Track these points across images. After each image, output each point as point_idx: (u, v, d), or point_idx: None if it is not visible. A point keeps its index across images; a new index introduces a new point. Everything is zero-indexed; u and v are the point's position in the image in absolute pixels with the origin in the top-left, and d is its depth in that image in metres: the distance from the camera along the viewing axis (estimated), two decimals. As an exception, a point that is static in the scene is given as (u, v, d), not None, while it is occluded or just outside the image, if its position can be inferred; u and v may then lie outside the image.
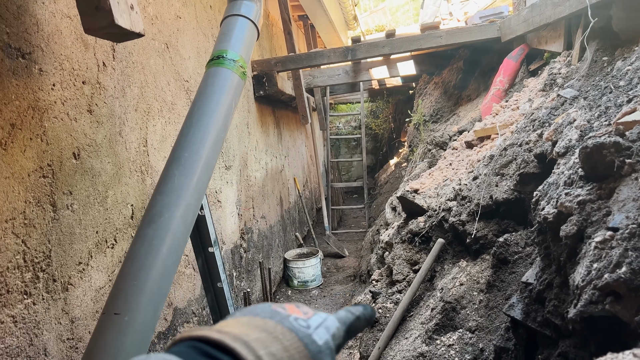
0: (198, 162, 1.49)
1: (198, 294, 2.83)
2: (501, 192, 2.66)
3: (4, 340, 1.33)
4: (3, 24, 1.39)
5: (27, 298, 1.43)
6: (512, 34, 4.08)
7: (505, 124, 3.15)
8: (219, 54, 1.72)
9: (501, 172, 2.74)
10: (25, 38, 1.48)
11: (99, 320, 1.21)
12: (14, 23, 1.44)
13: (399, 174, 7.52)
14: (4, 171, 1.35)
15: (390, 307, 3.28)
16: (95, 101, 1.84)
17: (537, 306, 1.64)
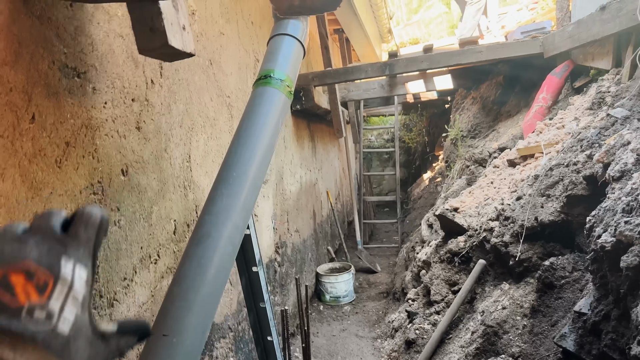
0: (245, 182, 1.49)
1: (234, 309, 2.83)
2: (547, 213, 2.58)
3: (53, 356, 1.34)
4: (61, 45, 1.42)
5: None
6: (555, 50, 3.98)
7: (550, 142, 3.06)
8: (266, 74, 1.72)
9: (547, 193, 2.66)
10: (81, 58, 1.52)
11: (147, 341, 1.21)
12: (71, 43, 1.47)
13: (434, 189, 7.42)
14: (58, 189, 1.37)
15: (428, 329, 3.20)
16: (143, 118, 1.87)
17: (592, 338, 1.57)
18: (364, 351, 4.20)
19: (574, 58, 3.92)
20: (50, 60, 1.37)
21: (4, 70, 1.19)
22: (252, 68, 3.45)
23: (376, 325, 4.75)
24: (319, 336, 4.62)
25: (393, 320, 4.27)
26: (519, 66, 4.93)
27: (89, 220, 0.45)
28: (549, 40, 4.08)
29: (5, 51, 1.20)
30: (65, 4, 1.45)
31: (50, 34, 1.38)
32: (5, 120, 1.19)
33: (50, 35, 1.38)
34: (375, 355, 4.07)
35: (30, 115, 1.28)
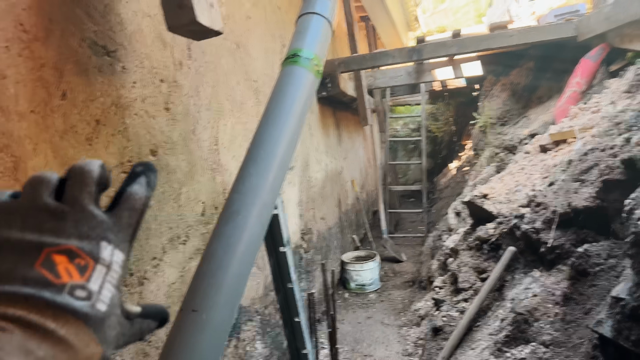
0: (274, 161, 1.47)
1: (261, 293, 2.84)
2: (581, 199, 2.50)
3: (86, 331, 1.36)
4: (91, 22, 1.42)
5: (106, 291, 1.46)
6: (590, 33, 3.85)
7: (584, 127, 2.96)
8: (294, 53, 1.70)
9: (581, 178, 2.57)
10: (110, 36, 1.52)
11: (177, 317, 1.21)
12: (101, 21, 1.47)
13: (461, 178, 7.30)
14: (89, 166, 1.38)
15: (455, 316, 3.16)
16: (172, 99, 1.87)
17: (631, 324, 1.51)
18: (390, 338, 4.18)
19: (610, 41, 3.77)
20: (80, 37, 1.37)
21: (35, 46, 1.20)
22: (279, 53, 3.43)
23: (402, 314, 4.72)
24: (345, 323, 4.62)
25: (419, 308, 4.23)
26: (551, 50, 4.79)
27: (135, 205, 0.45)
28: (584, 22, 3.95)
29: (36, 27, 1.20)
30: (95, -18, 1.45)
31: (80, 12, 1.38)
32: (37, 96, 1.20)
33: (80, 13, 1.38)
34: (401, 342, 4.05)
35: (61, 92, 1.29)
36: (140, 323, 0.48)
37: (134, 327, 0.47)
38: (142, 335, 0.49)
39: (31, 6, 1.19)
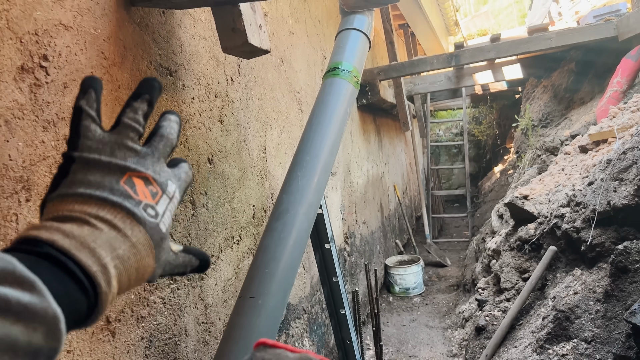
0: (318, 164, 1.63)
1: (308, 292, 3.00)
2: (620, 197, 2.53)
3: (156, 318, 1.55)
4: (156, 47, 1.63)
5: (172, 283, 1.65)
6: (631, 32, 3.83)
7: (624, 126, 2.97)
8: (335, 66, 1.86)
9: (620, 177, 2.60)
10: (172, 58, 1.72)
11: (236, 303, 1.38)
12: (164, 46, 1.68)
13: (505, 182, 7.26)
14: (157, 173, 1.58)
15: (498, 315, 3.21)
16: (225, 112, 2.06)
17: (664, 314, 1.57)
18: (434, 340, 4.24)
19: (652, 39, 3.75)
20: (148, 60, 1.58)
21: (113, 70, 1.40)
22: (320, 65, 3.61)
23: (446, 316, 4.77)
24: (389, 326, 4.71)
25: (463, 310, 4.28)
26: (592, 51, 4.75)
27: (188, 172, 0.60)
28: (624, 22, 3.92)
29: (114, 54, 1.41)
30: (159, 12, 1.65)
31: (148, 38, 1.58)
32: (115, 113, 1.40)
33: (148, 40, 1.58)
34: (446, 344, 4.10)
35: (134, 109, 1.49)
36: (184, 257, 0.56)
37: (177, 259, 0.55)
38: (186, 269, 0.57)
39: (110, 36, 1.40)
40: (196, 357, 1.77)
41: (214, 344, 1.90)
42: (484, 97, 9.96)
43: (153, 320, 1.54)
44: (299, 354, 0.47)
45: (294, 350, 0.47)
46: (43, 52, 1.15)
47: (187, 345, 1.73)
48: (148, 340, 1.51)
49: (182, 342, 1.70)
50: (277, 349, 0.48)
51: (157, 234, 0.49)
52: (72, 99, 1.24)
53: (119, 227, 0.46)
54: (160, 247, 0.50)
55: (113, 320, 1.35)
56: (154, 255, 0.49)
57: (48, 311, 0.36)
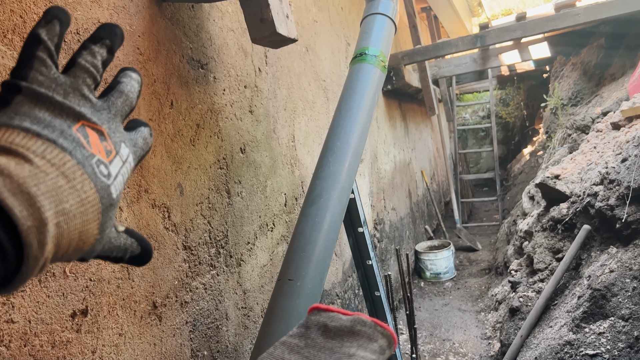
0: (348, 149, 1.66)
1: (340, 278, 3.04)
2: (657, 173, 2.48)
3: (199, 303, 1.61)
4: (187, 41, 1.67)
5: (212, 270, 1.71)
6: (663, 3, 3.71)
7: (659, 100, 2.90)
8: (361, 51, 1.87)
9: (656, 152, 2.55)
10: (203, 51, 1.77)
11: (276, 286, 1.42)
12: (195, 39, 1.72)
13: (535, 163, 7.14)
14: (194, 163, 1.63)
15: (532, 296, 3.20)
16: (254, 102, 2.10)
17: None
18: (468, 323, 4.24)
19: (686, 9, 3.62)
20: (180, 54, 1.62)
21: (149, 65, 1.45)
22: (344, 52, 3.61)
23: (479, 300, 4.76)
24: (422, 310, 4.72)
25: (496, 293, 4.26)
26: (622, 25, 4.62)
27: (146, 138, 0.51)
28: (657, -8, 3.80)
29: (149, 49, 1.46)
30: (188, 6, 1.70)
31: (179, 33, 1.63)
32: (152, 107, 1.45)
33: (179, 34, 1.63)
34: (479, 327, 4.10)
35: (169, 102, 1.54)
36: (125, 239, 0.48)
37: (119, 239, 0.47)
38: (125, 253, 0.49)
39: (144, 32, 1.45)
40: (237, 340, 1.83)
41: (253, 328, 1.96)
42: (510, 78, 9.77)
43: (196, 305, 1.60)
44: (351, 316, 0.50)
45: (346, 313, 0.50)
46: (85, 50, 1.20)
47: (228, 329, 1.79)
48: (192, 324, 1.57)
49: (224, 326, 1.76)
50: (330, 312, 0.51)
51: (106, 198, 0.41)
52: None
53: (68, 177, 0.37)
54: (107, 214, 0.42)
55: (159, 305, 1.41)
56: (99, 221, 0.41)
57: None
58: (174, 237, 1.49)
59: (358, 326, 0.49)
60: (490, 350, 3.65)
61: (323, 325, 0.50)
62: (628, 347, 2.21)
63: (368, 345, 0.48)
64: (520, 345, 2.92)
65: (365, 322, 0.50)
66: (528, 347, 2.87)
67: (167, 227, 1.47)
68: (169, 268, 1.47)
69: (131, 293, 1.30)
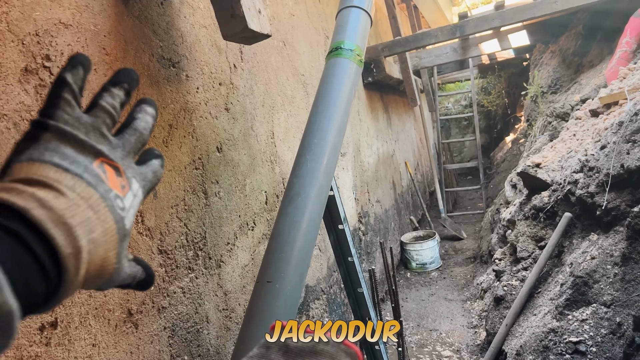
0: (326, 146, 1.63)
1: (325, 273, 3.02)
2: (633, 159, 2.49)
3: (177, 307, 1.58)
4: (157, 39, 1.63)
5: (190, 273, 1.67)
6: (639, -11, 3.73)
7: (635, 87, 2.92)
8: (337, 46, 1.84)
9: (632, 139, 2.56)
10: (174, 49, 1.72)
11: (254, 288, 1.40)
12: (165, 37, 1.67)
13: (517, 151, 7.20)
14: (167, 165, 1.59)
15: (516, 285, 3.22)
16: (230, 100, 2.06)
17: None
18: (454, 313, 4.27)
19: (661, -6, 3.65)
20: (150, 53, 1.58)
21: (116, 66, 1.41)
22: (323, 45, 3.58)
23: (465, 289, 4.79)
24: (408, 301, 4.74)
25: (481, 282, 4.29)
26: (599, 12, 4.64)
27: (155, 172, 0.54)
28: (632, -21, 3.82)
29: (116, 49, 1.41)
30: (157, 3, 1.65)
31: (148, 31, 1.58)
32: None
33: (148, 32, 1.58)
34: (466, 316, 4.13)
35: (140, 103, 1.49)
36: (133, 267, 0.51)
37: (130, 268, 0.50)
38: (133, 280, 0.51)
39: (110, 32, 1.40)
40: (219, 343, 1.81)
41: (236, 330, 1.94)
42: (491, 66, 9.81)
43: (174, 310, 1.56)
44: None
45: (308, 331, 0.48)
46: (45, 52, 1.16)
47: (210, 332, 1.76)
48: (171, 329, 1.54)
49: (204, 330, 1.73)
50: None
51: (122, 229, 0.45)
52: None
53: (95, 209, 0.42)
54: (122, 244, 0.46)
55: (135, 313, 1.38)
56: (117, 250, 0.45)
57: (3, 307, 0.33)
58: (148, 242, 1.46)
59: (321, 345, 0.47)
60: (476, 339, 3.67)
61: (284, 345, 0.48)
62: (610, 333, 2.23)
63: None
64: (506, 333, 2.94)
65: (329, 340, 0.48)
66: (513, 336, 2.89)
67: (141, 231, 1.43)
68: (144, 273, 1.43)
69: (104, 302, 1.26)
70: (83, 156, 0.44)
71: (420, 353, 3.68)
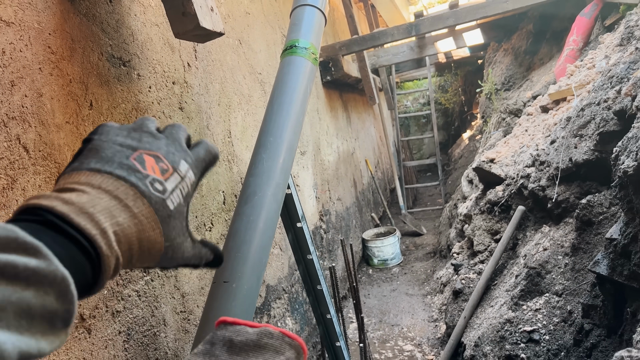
0: (282, 145, 1.63)
1: (286, 272, 3.02)
2: (581, 153, 2.60)
3: (132, 311, 1.54)
4: (106, 37, 1.59)
5: (146, 276, 1.64)
6: (584, -11, 3.89)
7: (581, 84, 3.05)
8: (292, 44, 1.84)
9: (580, 133, 2.67)
10: (124, 48, 1.68)
11: (211, 288, 1.38)
12: (114, 35, 1.63)
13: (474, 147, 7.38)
14: (119, 166, 1.55)
15: (473, 277, 3.30)
16: (184, 99, 2.03)
17: (623, 260, 1.64)
18: (415, 307, 4.34)
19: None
20: (99, 52, 1.54)
21: (63, 65, 1.36)
22: (280, 44, 3.57)
23: (425, 283, 4.88)
24: (370, 297, 4.79)
25: (441, 276, 4.38)
26: (548, 12, 4.83)
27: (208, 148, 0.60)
28: (577, -20, 3.98)
29: (62, 48, 1.37)
30: (105, 1, 1.61)
31: (97, 29, 1.54)
32: (69, 108, 1.37)
33: (97, 30, 1.54)
34: (426, 310, 4.21)
35: (88, 103, 1.45)
36: (200, 249, 0.58)
37: (195, 249, 0.56)
38: (200, 261, 0.59)
39: (56, 30, 1.35)
40: (177, 345, 1.78)
41: (194, 332, 1.91)
42: (448, 64, 10.03)
43: (129, 314, 1.53)
44: (258, 328, 0.48)
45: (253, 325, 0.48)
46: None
47: (167, 335, 1.73)
48: (126, 333, 1.50)
49: (162, 333, 1.70)
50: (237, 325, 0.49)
51: (163, 209, 0.49)
52: (21, 97, 1.20)
53: (120, 198, 0.47)
54: (168, 224, 0.50)
55: (88, 317, 1.34)
56: (160, 230, 0.49)
57: (57, 274, 0.37)
58: (100, 245, 1.42)
59: (265, 339, 0.48)
60: (437, 332, 3.75)
61: (229, 340, 0.48)
62: (562, 321, 2.32)
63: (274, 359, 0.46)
64: (465, 326, 3.02)
65: (273, 333, 0.48)
66: (471, 327, 2.97)
67: (92, 235, 1.39)
68: (96, 278, 1.40)
69: (54, 308, 1.22)
70: (120, 154, 0.50)
71: (383, 348, 3.73)
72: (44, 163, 1.25)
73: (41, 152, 1.25)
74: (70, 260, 0.40)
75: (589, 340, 1.85)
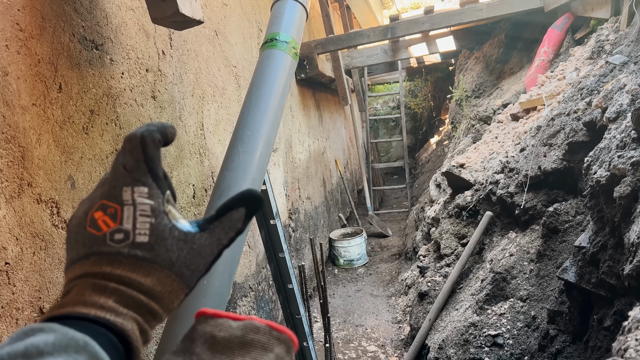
0: (259, 139, 1.59)
1: (254, 270, 2.97)
2: (549, 162, 2.66)
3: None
4: (79, 18, 1.51)
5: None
6: (555, 3, 4.00)
7: (551, 94, 3.12)
8: (272, 37, 1.80)
9: (549, 143, 2.73)
10: (97, 30, 1.61)
11: (181, 284, 1.33)
12: (88, 17, 1.56)
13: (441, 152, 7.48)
14: (87, 153, 1.48)
15: (439, 280, 3.33)
16: (157, 88, 1.96)
17: (591, 268, 1.68)
18: (379, 308, 4.36)
19: (574, 10, 3.93)
20: (70, 33, 1.46)
21: (31, 43, 1.29)
22: (256, 38, 3.52)
23: (390, 285, 4.91)
24: (335, 297, 4.78)
25: (406, 278, 4.41)
26: (520, 23, 4.94)
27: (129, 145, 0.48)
28: (550, -7, 4.09)
29: (31, 25, 1.29)
30: (80, -20, 1.53)
31: (69, 8, 1.46)
32: (36, 90, 1.29)
33: (69, 10, 1.46)
34: (390, 311, 4.23)
35: (57, 85, 1.38)
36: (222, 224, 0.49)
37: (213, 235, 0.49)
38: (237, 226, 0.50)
39: (25, 6, 1.28)
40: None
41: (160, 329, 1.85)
42: (419, 70, 10.15)
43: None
44: (242, 321, 0.44)
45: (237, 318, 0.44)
46: (-55, 21, 1.03)
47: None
48: (87, 329, 1.43)
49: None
50: (219, 318, 0.44)
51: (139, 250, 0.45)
52: (-15, 75, 1.13)
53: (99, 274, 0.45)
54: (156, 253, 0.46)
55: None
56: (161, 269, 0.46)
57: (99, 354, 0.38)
58: (64, 235, 1.35)
59: (250, 334, 0.43)
60: (400, 334, 3.77)
61: (210, 336, 0.43)
62: (526, 326, 2.36)
63: (262, 358, 0.42)
64: (429, 328, 3.04)
65: (259, 328, 0.44)
66: (436, 330, 2.99)
67: (56, 224, 1.32)
68: (59, 269, 1.33)
69: (12, 299, 1.15)
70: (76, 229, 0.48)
71: (347, 349, 3.72)
72: (6, 146, 1.18)
73: (4, 134, 1.17)
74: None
75: (554, 345, 1.88)
